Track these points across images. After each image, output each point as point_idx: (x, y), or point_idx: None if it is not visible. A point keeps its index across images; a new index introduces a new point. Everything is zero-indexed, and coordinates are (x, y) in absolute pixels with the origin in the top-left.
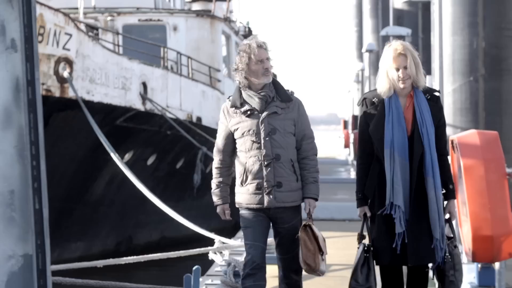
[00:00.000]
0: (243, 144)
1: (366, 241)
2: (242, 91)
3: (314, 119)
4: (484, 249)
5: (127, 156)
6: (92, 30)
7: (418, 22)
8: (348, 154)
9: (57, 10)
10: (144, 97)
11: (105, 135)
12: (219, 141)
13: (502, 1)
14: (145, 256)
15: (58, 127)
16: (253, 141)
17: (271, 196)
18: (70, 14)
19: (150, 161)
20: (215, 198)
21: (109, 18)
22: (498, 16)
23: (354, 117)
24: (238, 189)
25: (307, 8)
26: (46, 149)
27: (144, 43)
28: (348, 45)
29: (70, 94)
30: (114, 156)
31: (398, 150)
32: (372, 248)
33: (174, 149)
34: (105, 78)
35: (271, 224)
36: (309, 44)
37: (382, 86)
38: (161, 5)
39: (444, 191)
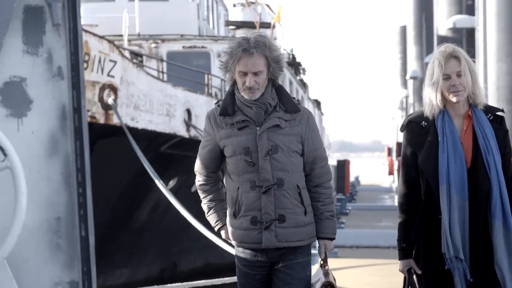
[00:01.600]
0: (235, 165)
1: None
2: (236, 95)
3: (358, 146)
4: None
5: (171, 183)
6: (136, 57)
7: (462, 49)
8: (392, 181)
9: (101, 37)
10: (188, 124)
11: (150, 161)
12: (202, 156)
13: None
14: (190, 283)
15: (102, 154)
16: (248, 162)
17: (271, 234)
18: (114, 41)
19: (194, 188)
20: (213, 222)
21: (153, 45)
22: None
23: (398, 144)
24: (230, 221)
25: (351, 34)
26: (90, 176)
27: (188, 70)
28: (392, 72)
29: (115, 121)
30: (159, 183)
31: (456, 186)
32: None
33: None
34: (150, 105)
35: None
36: (353, 71)
37: (428, 102)
38: (205, 32)
39: None
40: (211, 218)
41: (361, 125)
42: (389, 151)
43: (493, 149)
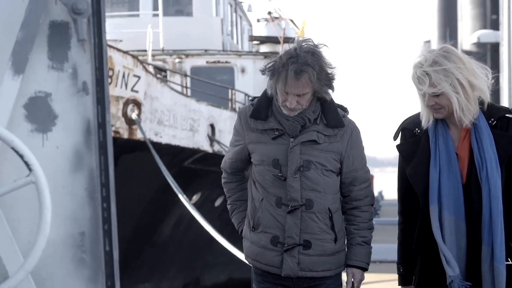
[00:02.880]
0: (261, 176)
1: None
2: (274, 101)
3: (382, 161)
4: None
5: (195, 198)
6: (160, 72)
7: (486, 64)
8: None
9: (126, 52)
10: (212, 139)
11: (173, 176)
12: (230, 154)
13: None
14: None
15: (126, 168)
16: (276, 176)
17: (293, 261)
18: (138, 56)
19: (218, 202)
20: (236, 222)
21: (177, 60)
22: None
23: None
24: (247, 234)
25: (376, 49)
26: (115, 191)
27: (212, 85)
28: None
29: (138, 135)
30: (182, 198)
31: (449, 206)
32: None
33: None
34: (173, 119)
35: None
36: (378, 86)
37: (421, 113)
38: (229, 47)
39: (511, 262)
40: (235, 219)
41: (385, 140)
42: None
43: (487, 162)
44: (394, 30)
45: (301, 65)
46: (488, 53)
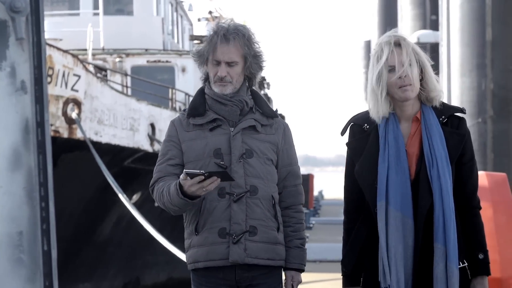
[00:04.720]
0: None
1: None
2: (207, 93)
3: (322, 160)
4: None
5: (135, 197)
6: (100, 71)
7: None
8: None
9: (66, 51)
10: (152, 138)
11: (113, 176)
12: (162, 164)
13: (511, 43)
14: None
15: (66, 168)
16: (220, 165)
17: (240, 247)
18: (79, 55)
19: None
20: (173, 189)
21: (117, 59)
22: (506, 58)
23: None
24: (191, 241)
25: (316, 49)
26: (54, 190)
27: (153, 84)
28: (356, 86)
29: (78, 135)
30: (122, 197)
31: (396, 202)
32: None
33: None
34: (113, 119)
35: None
36: (318, 86)
37: (372, 105)
38: (169, 47)
39: (466, 264)
40: (173, 189)
41: (325, 140)
42: None
43: (438, 159)
44: (334, 30)
45: (231, 31)
46: (428, 53)
